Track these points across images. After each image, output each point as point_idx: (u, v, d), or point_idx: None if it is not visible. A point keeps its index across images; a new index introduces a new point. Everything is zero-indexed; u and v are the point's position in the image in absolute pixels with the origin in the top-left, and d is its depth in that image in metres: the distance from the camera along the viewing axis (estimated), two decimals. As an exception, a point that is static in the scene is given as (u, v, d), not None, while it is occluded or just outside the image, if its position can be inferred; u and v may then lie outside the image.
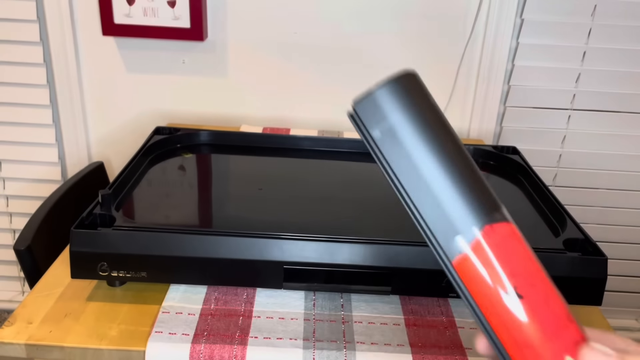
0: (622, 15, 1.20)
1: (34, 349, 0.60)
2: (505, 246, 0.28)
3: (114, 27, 1.19)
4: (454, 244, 0.28)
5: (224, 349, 0.60)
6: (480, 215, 0.28)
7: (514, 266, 0.28)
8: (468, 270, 0.28)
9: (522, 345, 0.27)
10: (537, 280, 0.28)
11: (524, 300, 0.27)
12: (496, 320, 0.28)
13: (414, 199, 0.30)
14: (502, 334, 0.28)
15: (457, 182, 0.29)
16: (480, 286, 0.28)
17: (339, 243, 0.66)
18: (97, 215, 0.68)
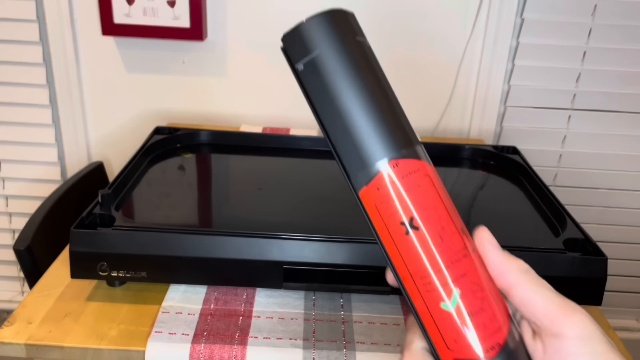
0: (623, 15, 1.19)
1: (34, 349, 0.60)
2: (407, 182, 0.29)
3: (113, 27, 1.19)
4: (360, 175, 0.30)
5: (224, 349, 0.60)
6: (387, 149, 0.29)
7: (412, 201, 0.29)
8: (371, 201, 0.30)
9: (416, 276, 0.29)
10: (434, 216, 0.29)
11: (417, 232, 0.29)
12: (393, 251, 0.30)
13: (330, 132, 0.30)
14: (399, 265, 0.30)
15: (371, 115, 0.29)
16: (380, 217, 0.30)
17: (339, 243, 0.66)
18: (97, 215, 0.68)
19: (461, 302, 0.29)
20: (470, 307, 0.29)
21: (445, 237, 0.29)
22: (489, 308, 0.29)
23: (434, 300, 0.29)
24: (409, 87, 1.28)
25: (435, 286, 0.29)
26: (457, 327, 0.29)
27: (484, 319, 0.29)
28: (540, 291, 0.29)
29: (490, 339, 0.29)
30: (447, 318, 0.29)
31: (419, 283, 0.29)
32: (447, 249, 0.29)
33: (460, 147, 1.01)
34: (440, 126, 1.32)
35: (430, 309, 0.29)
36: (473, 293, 0.29)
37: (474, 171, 0.97)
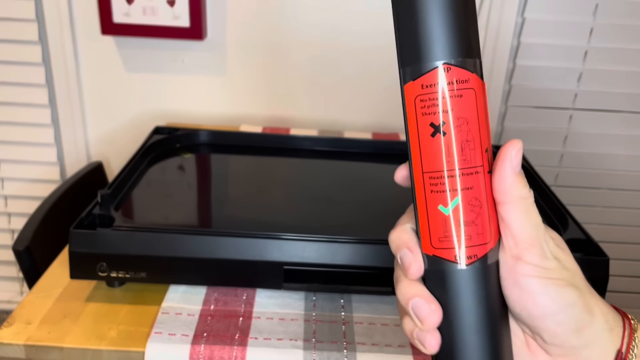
0: (624, 15, 1.19)
1: (33, 349, 0.60)
2: (451, 89, 0.30)
3: (113, 26, 1.18)
4: (411, 68, 0.31)
5: (224, 350, 0.59)
6: (446, 52, 0.30)
7: (449, 108, 0.30)
8: (412, 96, 0.31)
9: (427, 175, 0.31)
10: (463, 128, 0.31)
11: (442, 137, 0.31)
12: (415, 147, 0.32)
13: (399, 16, 0.31)
14: (415, 161, 0.32)
15: (444, 14, 0.30)
16: (415, 113, 0.31)
17: (339, 243, 0.65)
18: (96, 216, 0.68)
19: (458, 209, 0.31)
20: (464, 216, 0.31)
21: (466, 149, 0.31)
22: (480, 224, 0.31)
23: (434, 201, 0.31)
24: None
25: (441, 188, 0.31)
26: (446, 230, 0.31)
27: (472, 231, 0.31)
28: (519, 218, 0.31)
29: (471, 250, 0.31)
30: (440, 219, 0.31)
31: (427, 182, 0.31)
32: (462, 160, 0.31)
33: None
34: (440, 126, 1.31)
35: (429, 207, 0.32)
36: (471, 206, 0.31)
37: (474, 171, 0.96)
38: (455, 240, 0.31)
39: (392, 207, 0.80)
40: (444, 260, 0.32)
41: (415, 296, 0.32)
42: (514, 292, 0.31)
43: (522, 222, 0.31)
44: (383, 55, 1.25)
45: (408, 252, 0.33)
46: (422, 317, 0.31)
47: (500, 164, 0.31)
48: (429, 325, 0.31)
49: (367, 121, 1.31)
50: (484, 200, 0.31)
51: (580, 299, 0.31)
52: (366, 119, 1.31)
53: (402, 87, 0.32)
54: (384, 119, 1.31)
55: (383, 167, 0.95)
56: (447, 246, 0.31)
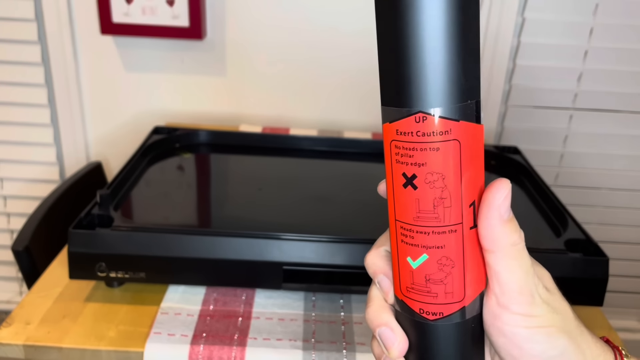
0: (624, 14, 1.19)
1: (32, 350, 0.60)
2: (426, 140, 0.27)
3: (112, 26, 1.18)
4: (388, 108, 0.28)
5: (223, 350, 0.59)
6: (422, 99, 0.26)
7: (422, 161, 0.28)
8: (388, 138, 0.29)
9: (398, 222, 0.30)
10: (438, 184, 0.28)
11: (413, 190, 0.28)
12: (389, 189, 0.30)
13: (382, 50, 0.27)
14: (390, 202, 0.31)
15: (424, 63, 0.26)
16: (390, 156, 0.29)
17: (338, 243, 0.65)
18: (96, 216, 0.68)
19: (425, 266, 0.29)
20: (431, 274, 0.29)
21: (439, 207, 0.28)
22: (450, 282, 0.29)
23: (404, 251, 0.30)
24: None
25: (409, 241, 0.29)
26: (413, 282, 0.30)
27: (439, 289, 0.30)
28: (508, 266, 0.29)
29: (436, 307, 0.30)
30: (408, 270, 0.30)
31: (398, 230, 0.30)
32: (434, 219, 0.28)
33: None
34: (440, 126, 1.31)
35: (399, 254, 0.30)
36: (440, 265, 0.29)
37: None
38: (420, 294, 0.30)
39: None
40: (410, 309, 0.31)
41: (383, 325, 0.32)
42: (499, 340, 0.30)
43: (512, 270, 0.29)
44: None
45: (385, 278, 0.32)
46: (388, 346, 0.31)
47: (486, 213, 0.28)
48: (395, 355, 0.31)
49: (367, 121, 1.31)
50: (458, 259, 0.29)
51: (571, 345, 0.29)
52: (366, 119, 1.31)
53: (382, 124, 0.29)
54: (383, 119, 1.31)
55: (383, 167, 0.95)
56: (413, 297, 0.30)
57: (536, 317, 0.29)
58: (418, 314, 0.30)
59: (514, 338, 0.29)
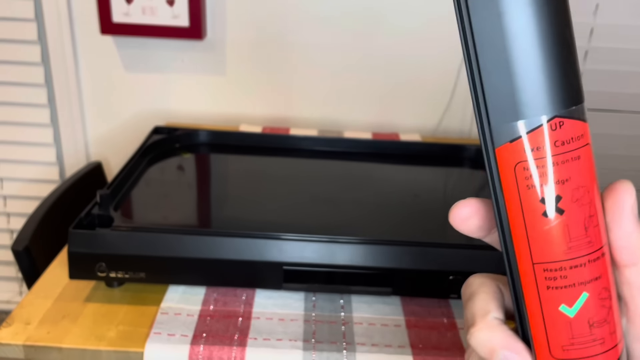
0: (624, 15, 1.19)
1: (32, 350, 0.60)
2: (567, 149, 0.23)
3: (112, 26, 1.18)
4: (506, 127, 0.23)
5: (223, 350, 0.59)
6: (554, 102, 0.22)
7: (566, 176, 0.23)
8: (510, 162, 0.23)
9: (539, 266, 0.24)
10: (586, 200, 0.23)
11: (558, 217, 0.23)
12: (517, 228, 0.24)
13: (483, 66, 0.23)
14: (520, 246, 0.24)
15: (548, 59, 0.22)
16: (516, 184, 0.23)
17: (339, 243, 0.65)
18: (96, 216, 0.68)
19: (585, 310, 0.24)
20: (593, 316, 0.24)
21: (590, 227, 0.23)
22: (612, 321, 0.24)
23: (552, 300, 0.24)
24: (410, 87, 1.28)
25: (562, 283, 0.23)
26: (571, 337, 0.24)
27: (605, 333, 0.24)
28: None
29: (605, 356, 0.24)
30: (562, 323, 0.24)
31: (540, 275, 0.24)
32: (587, 244, 0.23)
33: (461, 147, 1.01)
34: (441, 126, 1.31)
35: (544, 308, 0.24)
36: (601, 301, 0.24)
37: (474, 171, 0.96)
38: (585, 348, 0.24)
39: (392, 207, 0.80)
40: None
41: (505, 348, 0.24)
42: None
43: None
44: (383, 55, 1.25)
45: (512, 354, 0.24)
46: None
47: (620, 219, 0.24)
48: None
49: (367, 121, 1.31)
50: (612, 287, 0.24)
51: None
52: (366, 119, 1.31)
53: (489, 150, 0.24)
54: (384, 119, 1.31)
55: (383, 167, 0.95)
56: (574, 357, 0.24)
57: None
58: None
59: None
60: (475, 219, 0.26)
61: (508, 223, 0.24)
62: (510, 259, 0.24)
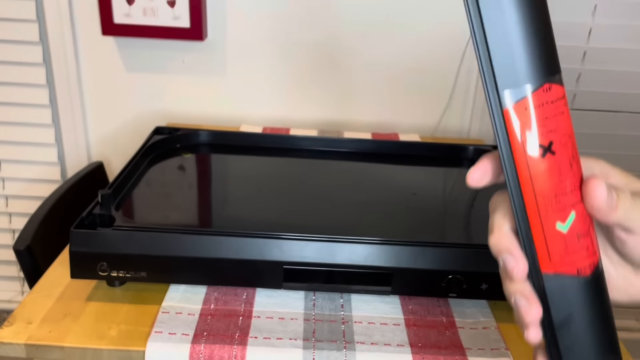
0: (623, 15, 1.19)
1: (34, 349, 0.60)
2: (554, 108, 0.31)
3: (113, 27, 1.19)
4: (510, 92, 0.30)
5: (224, 349, 0.60)
6: (545, 72, 0.31)
7: (555, 126, 0.31)
8: (514, 120, 0.31)
9: (539, 195, 0.32)
10: (569, 144, 0.32)
11: (552, 157, 0.31)
12: (523, 169, 0.31)
13: (491, 41, 0.31)
14: (525, 182, 0.32)
15: (541, 35, 0.31)
16: (520, 137, 0.31)
17: (339, 243, 0.66)
18: (97, 215, 0.68)
19: (574, 226, 0.32)
20: (579, 230, 0.32)
21: (574, 165, 0.32)
22: (592, 233, 0.33)
23: (551, 220, 0.32)
24: (409, 87, 1.28)
25: (556, 208, 0.32)
26: (565, 246, 0.32)
27: (588, 242, 0.33)
28: None
29: (589, 259, 0.33)
30: (559, 237, 0.32)
31: (540, 202, 0.32)
32: (572, 176, 0.32)
33: (460, 147, 1.01)
34: (440, 126, 1.32)
35: (545, 227, 0.32)
36: (583, 217, 0.32)
37: (474, 171, 0.97)
38: (575, 254, 0.32)
39: (391, 207, 0.81)
40: (566, 276, 0.33)
41: (505, 252, 0.34)
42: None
43: None
44: (383, 55, 1.26)
45: (510, 257, 0.33)
46: (510, 270, 0.33)
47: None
48: (530, 319, 0.33)
49: (367, 121, 1.31)
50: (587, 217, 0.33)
51: None
52: (366, 119, 1.31)
53: (498, 112, 0.31)
54: (384, 119, 1.31)
55: (383, 167, 0.95)
56: (569, 261, 0.32)
57: None
58: (576, 276, 0.33)
59: None
60: (487, 176, 0.35)
61: (514, 168, 0.32)
62: (514, 195, 0.32)
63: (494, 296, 0.67)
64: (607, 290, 0.34)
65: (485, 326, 0.66)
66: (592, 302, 0.33)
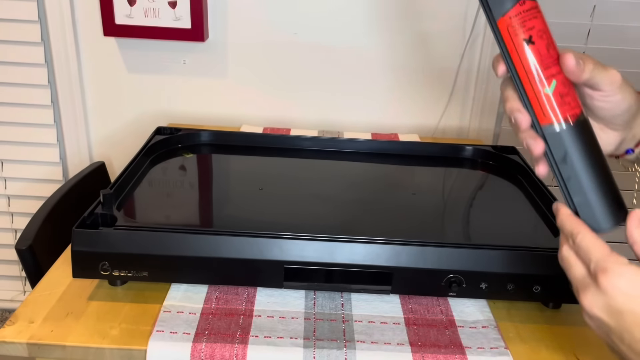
0: (622, 16, 1.20)
1: (36, 348, 0.61)
2: (530, 14, 0.46)
3: (115, 28, 1.19)
4: (499, 7, 0.46)
5: (225, 348, 0.60)
6: None
7: (532, 25, 0.46)
8: (505, 26, 0.46)
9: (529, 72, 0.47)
10: (544, 36, 0.47)
11: (532, 45, 0.46)
12: (515, 58, 0.47)
13: None
14: (519, 67, 0.47)
15: None
16: (510, 37, 0.46)
17: (339, 243, 0.66)
18: (99, 215, 0.69)
19: (557, 88, 0.47)
20: (561, 91, 0.47)
21: (550, 48, 0.47)
22: (573, 93, 0.48)
23: (539, 87, 0.47)
24: (409, 87, 1.29)
25: (541, 77, 0.47)
26: (552, 103, 0.47)
27: (569, 99, 0.47)
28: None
29: (572, 111, 0.47)
30: (547, 98, 0.47)
31: (531, 77, 0.47)
32: (549, 57, 0.47)
33: (459, 147, 1.01)
34: (440, 126, 1.32)
35: (537, 93, 0.47)
36: (563, 84, 0.47)
37: (473, 171, 0.97)
38: (559, 107, 0.47)
39: (391, 207, 0.81)
40: (557, 124, 0.47)
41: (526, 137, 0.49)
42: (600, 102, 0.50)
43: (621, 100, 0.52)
44: (383, 54, 1.26)
45: (518, 113, 0.48)
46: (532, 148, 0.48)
47: None
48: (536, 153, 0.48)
49: (367, 121, 1.32)
50: (567, 78, 0.47)
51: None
52: (366, 119, 1.32)
53: (494, 24, 0.46)
54: (383, 119, 1.32)
55: (383, 167, 0.96)
56: (556, 112, 0.47)
57: None
58: (564, 123, 0.47)
59: None
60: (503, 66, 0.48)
61: (510, 57, 0.47)
62: (514, 75, 0.47)
63: (493, 295, 0.67)
64: (593, 135, 0.49)
65: (484, 325, 0.66)
66: (580, 142, 0.48)
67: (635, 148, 0.57)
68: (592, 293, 0.44)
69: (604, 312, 0.43)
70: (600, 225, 0.52)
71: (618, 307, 0.42)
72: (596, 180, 0.50)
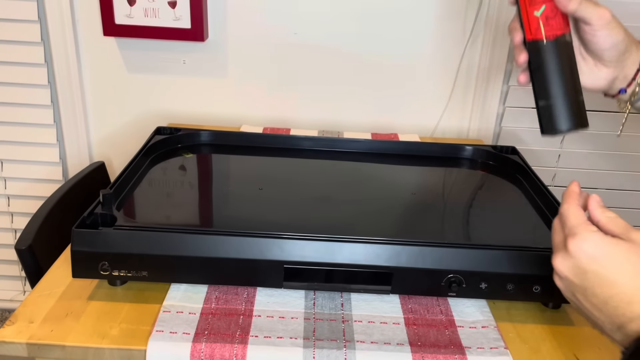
0: (621, 16, 1.19)
1: (35, 348, 0.61)
2: None
3: (115, 28, 1.19)
4: None
5: (225, 347, 0.60)
6: None
7: None
8: None
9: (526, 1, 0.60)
10: None
11: None
12: None
13: None
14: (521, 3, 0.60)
15: None
16: None
17: (339, 243, 0.66)
18: (99, 215, 0.69)
19: (544, 12, 0.58)
20: (548, 14, 0.58)
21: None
22: (559, 19, 0.58)
23: (531, 10, 0.59)
24: (409, 87, 1.29)
25: (533, 3, 0.59)
26: (538, 24, 0.59)
27: (553, 22, 0.58)
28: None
29: (553, 32, 0.58)
30: (535, 19, 0.59)
31: (527, 3, 0.59)
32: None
33: (459, 147, 1.01)
34: (439, 126, 1.32)
35: (529, 14, 0.59)
36: (552, 10, 0.58)
37: (473, 171, 0.97)
38: (543, 26, 0.58)
39: (391, 207, 0.81)
40: (538, 41, 0.59)
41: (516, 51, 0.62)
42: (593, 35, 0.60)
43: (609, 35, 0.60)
44: (383, 55, 1.26)
45: (514, 31, 0.61)
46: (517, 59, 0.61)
47: None
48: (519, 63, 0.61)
49: (367, 121, 1.32)
50: (557, 8, 0.58)
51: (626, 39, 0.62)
52: (366, 119, 1.32)
53: None
54: (383, 119, 1.32)
55: (383, 167, 0.96)
56: (539, 33, 0.59)
57: None
58: (544, 40, 0.59)
59: None
60: None
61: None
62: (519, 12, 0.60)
63: (493, 295, 0.67)
64: (570, 55, 0.60)
65: (484, 325, 0.66)
66: (553, 56, 0.59)
67: (628, 87, 0.64)
68: (562, 255, 0.48)
69: (571, 272, 0.48)
70: (555, 126, 0.61)
71: (583, 268, 0.47)
72: (560, 89, 0.59)
